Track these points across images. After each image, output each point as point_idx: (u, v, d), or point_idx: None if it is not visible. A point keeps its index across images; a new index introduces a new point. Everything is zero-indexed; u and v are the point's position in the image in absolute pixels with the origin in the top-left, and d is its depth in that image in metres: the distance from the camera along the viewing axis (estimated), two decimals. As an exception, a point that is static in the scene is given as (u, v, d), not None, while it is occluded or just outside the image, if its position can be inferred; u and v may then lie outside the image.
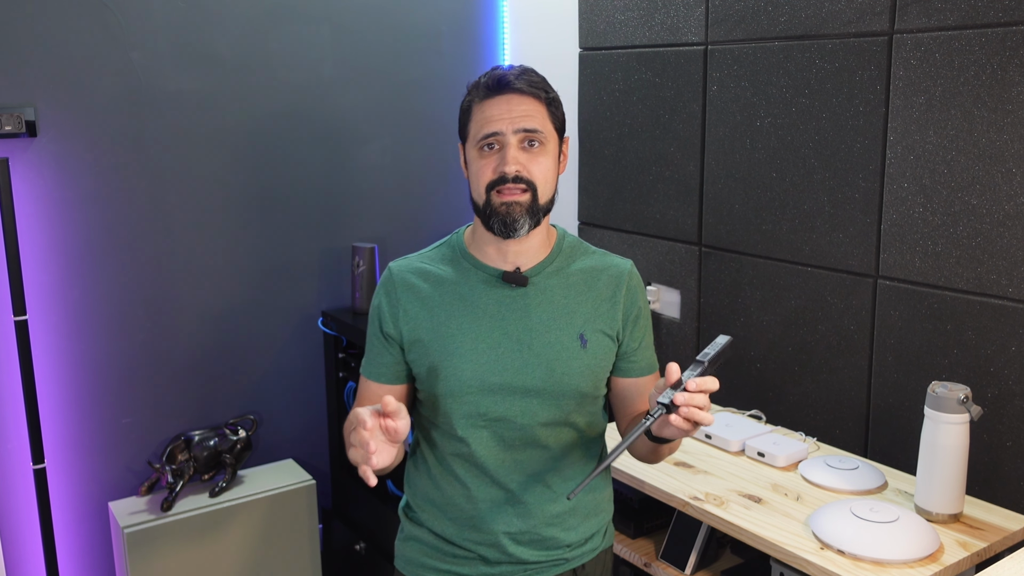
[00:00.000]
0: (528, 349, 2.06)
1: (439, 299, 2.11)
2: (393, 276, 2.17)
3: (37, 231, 3.20)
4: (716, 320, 3.24)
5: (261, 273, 3.68)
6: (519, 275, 2.09)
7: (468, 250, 2.16)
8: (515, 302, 2.09)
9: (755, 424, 2.94)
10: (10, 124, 3.07)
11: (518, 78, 2.03)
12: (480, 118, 2.05)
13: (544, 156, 2.04)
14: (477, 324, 2.08)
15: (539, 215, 2.05)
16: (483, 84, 2.06)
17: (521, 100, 2.02)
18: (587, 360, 2.09)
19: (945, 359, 2.60)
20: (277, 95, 3.62)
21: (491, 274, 2.11)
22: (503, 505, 2.10)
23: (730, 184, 3.13)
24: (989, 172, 2.45)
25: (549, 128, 2.05)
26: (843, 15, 2.74)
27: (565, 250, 2.17)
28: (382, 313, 2.15)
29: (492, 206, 2.03)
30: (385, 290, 2.17)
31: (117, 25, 3.25)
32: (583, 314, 2.11)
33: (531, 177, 2.02)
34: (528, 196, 2.02)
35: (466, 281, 2.12)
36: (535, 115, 2.03)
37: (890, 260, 2.70)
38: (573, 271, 2.15)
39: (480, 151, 2.05)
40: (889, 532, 2.20)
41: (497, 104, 2.02)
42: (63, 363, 3.31)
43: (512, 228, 2.02)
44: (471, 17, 4.09)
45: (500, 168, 2.01)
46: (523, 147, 2.02)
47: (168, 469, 3.36)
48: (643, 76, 3.41)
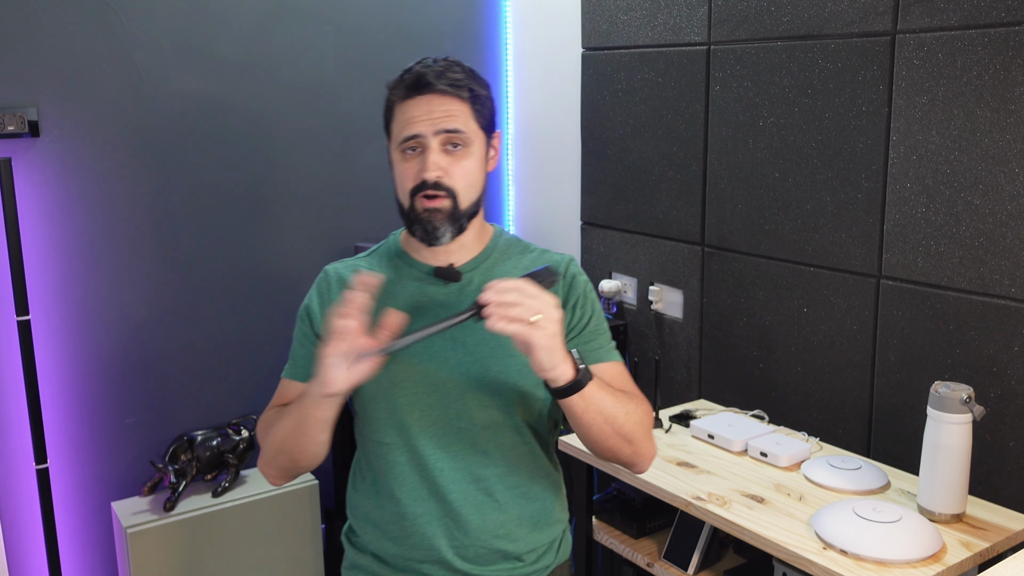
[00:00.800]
0: (463, 347, 2.00)
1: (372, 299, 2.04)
2: (328, 276, 2.12)
3: (40, 231, 3.20)
4: (719, 320, 3.24)
5: (264, 272, 3.68)
6: (452, 270, 2.04)
7: (403, 249, 2.11)
8: (449, 299, 2.03)
9: (758, 424, 2.95)
10: (13, 124, 3.07)
11: (439, 77, 1.95)
12: (401, 119, 1.97)
13: (467, 159, 1.97)
14: (412, 322, 1.97)
15: (462, 221, 1.99)
16: (403, 83, 1.98)
17: (442, 100, 1.95)
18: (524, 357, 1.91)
19: (948, 359, 2.60)
20: (280, 95, 3.62)
21: (423, 271, 2.06)
22: (443, 518, 2.00)
23: (733, 184, 3.13)
24: (992, 172, 2.46)
25: (473, 127, 1.98)
26: (846, 15, 2.74)
27: (501, 247, 2.12)
28: (312, 313, 2.09)
29: (415, 211, 1.97)
30: (318, 290, 2.11)
31: (120, 25, 3.25)
32: None
33: (451, 183, 1.95)
34: (449, 203, 1.95)
35: (400, 280, 2.06)
36: (457, 115, 1.95)
37: (893, 260, 2.70)
38: (509, 267, 2.08)
39: (402, 153, 1.97)
40: (892, 532, 2.21)
41: (417, 105, 1.94)
42: (66, 363, 3.31)
43: (434, 236, 1.97)
44: (474, 17, 4.09)
45: (421, 174, 1.94)
46: (445, 150, 1.95)
47: (171, 469, 3.36)
48: (646, 76, 3.41)
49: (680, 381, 3.42)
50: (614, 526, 2.97)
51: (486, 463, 2.01)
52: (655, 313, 3.49)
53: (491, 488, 2.01)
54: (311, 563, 3.62)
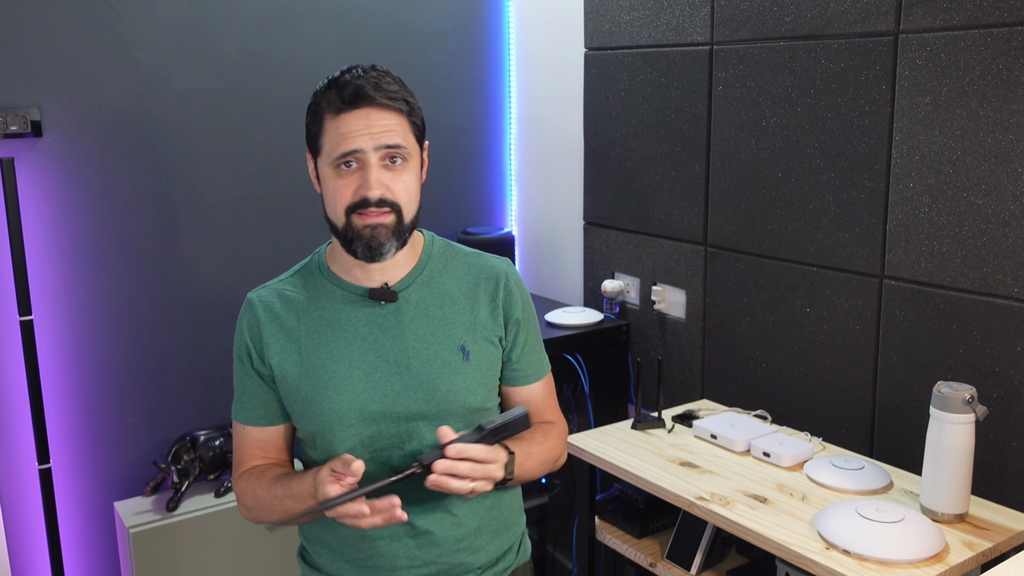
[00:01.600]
0: (407, 370, 1.93)
1: (304, 327, 1.97)
2: (254, 306, 2.02)
3: (42, 231, 3.20)
4: (721, 320, 3.24)
5: (267, 273, 3.65)
6: (387, 291, 1.96)
7: (331, 269, 2.03)
8: (387, 320, 1.96)
9: (760, 424, 2.95)
10: (15, 124, 3.07)
11: (376, 89, 1.87)
12: (335, 134, 1.87)
13: (407, 173, 1.90)
14: (348, 349, 1.94)
15: (405, 235, 1.93)
16: (336, 94, 1.88)
17: (381, 114, 1.87)
18: (472, 372, 1.97)
19: (950, 359, 2.60)
20: (283, 95, 3.62)
21: (357, 293, 1.98)
22: (403, 538, 1.96)
23: (735, 184, 3.13)
24: (994, 172, 2.45)
25: (411, 141, 1.92)
26: (848, 15, 2.74)
27: (435, 256, 2.05)
28: (248, 349, 2.00)
29: (354, 229, 1.89)
30: (247, 323, 2.02)
31: (123, 25, 3.25)
32: (462, 324, 1.99)
33: (395, 198, 1.88)
34: (393, 218, 1.88)
35: (331, 304, 1.98)
36: (397, 129, 1.88)
37: (895, 260, 2.70)
38: (446, 278, 2.03)
39: (337, 169, 1.88)
40: (894, 532, 2.20)
41: (355, 119, 1.86)
42: (68, 363, 3.32)
43: (378, 252, 1.89)
44: (477, 17, 4.09)
45: (362, 192, 1.86)
46: (385, 165, 1.87)
47: (173, 469, 3.37)
48: (648, 76, 3.41)
49: (683, 381, 3.42)
50: (617, 526, 2.96)
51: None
52: (658, 313, 3.49)
53: (448, 505, 1.97)
54: (314, 563, 3.62)
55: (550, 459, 2.07)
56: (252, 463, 2.03)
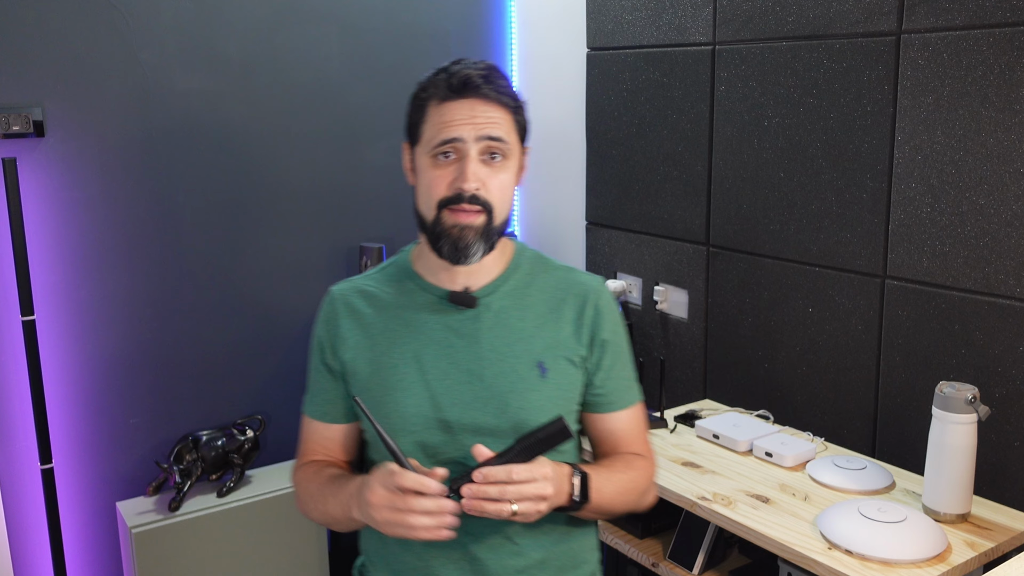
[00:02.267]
0: (479, 380, 1.85)
1: (381, 325, 1.91)
2: (334, 300, 1.97)
3: (45, 231, 3.20)
4: (724, 320, 3.24)
5: (269, 273, 3.68)
6: (467, 296, 1.88)
7: (414, 269, 1.96)
8: (464, 327, 1.88)
9: (763, 424, 2.95)
10: (18, 124, 3.07)
11: (486, 82, 1.80)
12: (438, 121, 1.80)
13: (506, 172, 1.83)
14: (422, 352, 1.87)
15: (493, 238, 1.84)
16: (444, 82, 1.82)
17: (487, 107, 1.80)
18: (548, 392, 1.86)
19: (953, 359, 2.60)
20: (285, 95, 3.62)
21: (437, 295, 1.91)
22: (459, 561, 1.86)
23: (738, 184, 3.13)
24: (997, 172, 2.45)
25: (514, 139, 1.84)
26: (851, 15, 2.74)
27: (523, 266, 1.97)
28: (322, 342, 1.96)
29: (443, 226, 1.81)
30: (325, 316, 1.97)
31: (125, 25, 3.25)
32: (543, 339, 1.89)
33: (489, 197, 1.80)
34: (483, 219, 1.80)
35: (410, 304, 1.92)
36: (501, 123, 1.81)
37: (898, 260, 2.70)
38: (532, 290, 1.94)
39: (434, 159, 1.81)
40: (897, 532, 2.20)
41: (459, 108, 1.79)
42: (71, 363, 3.32)
43: (464, 254, 1.81)
44: (479, 17, 4.09)
45: (457, 184, 1.78)
46: (484, 160, 1.80)
47: (176, 469, 3.37)
48: (651, 76, 3.41)
49: (685, 381, 3.42)
50: (619, 526, 2.96)
51: None
52: (660, 313, 3.49)
53: (508, 531, 1.87)
54: (316, 563, 3.62)
55: (634, 491, 1.91)
56: (313, 457, 2.00)
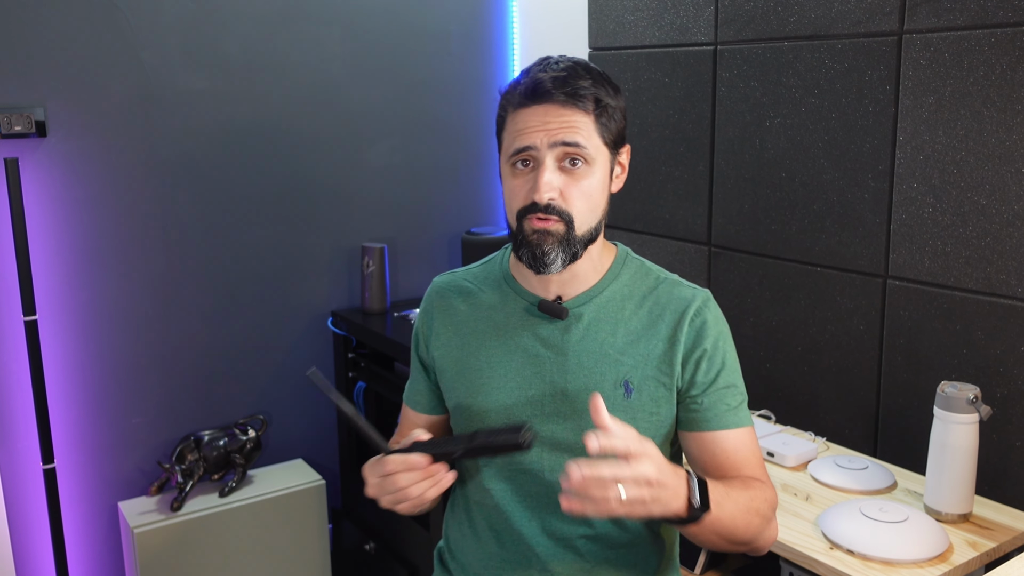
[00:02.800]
0: (562, 395, 1.78)
1: (473, 326, 1.86)
2: (433, 294, 1.94)
3: (47, 231, 3.20)
4: (725, 320, 3.23)
5: (271, 273, 3.69)
6: (557, 305, 1.80)
7: (511, 271, 1.89)
8: (553, 337, 1.80)
9: (765, 424, 2.94)
10: (20, 124, 3.07)
11: (560, 84, 1.69)
12: (513, 129, 1.73)
13: (587, 178, 1.72)
14: (509, 359, 1.81)
15: (576, 247, 1.73)
16: (518, 90, 1.74)
17: (562, 111, 1.69)
18: (632, 412, 1.77)
19: (954, 359, 2.60)
20: (287, 95, 3.62)
21: (530, 301, 1.83)
22: (528, 568, 1.82)
23: (739, 184, 3.13)
24: (998, 172, 2.45)
25: (596, 143, 1.73)
26: (852, 15, 2.74)
27: (623, 276, 1.86)
28: (418, 334, 1.95)
29: (523, 234, 1.72)
30: (424, 307, 1.95)
31: (127, 25, 3.26)
32: (634, 356, 1.79)
33: (567, 206, 1.70)
34: (562, 227, 1.70)
35: (503, 307, 1.85)
36: (579, 128, 1.70)
37: (899, 260, 2.70)
38: (630, 303, 1.83)
39: (512, 168, 1.73)
40: (898, 532, 2.20)
41: (533, 114, 1.70)
42: (73, 363, 3.32)
43: (542, 262, 1.71)
44: (480, 17, 4.09)
45: (532, 194, 1.69)
46: (562, 167, 1.70)
47: (178, 469, 3.37)
48: (652, 76, 3.41)
49: (687, 381, 3.42)
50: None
51: (577, 522, 1.79)
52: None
53: (580, 548, 1.81)
54: (318, 563, 3.62)
55: (756, 513, 1.71)
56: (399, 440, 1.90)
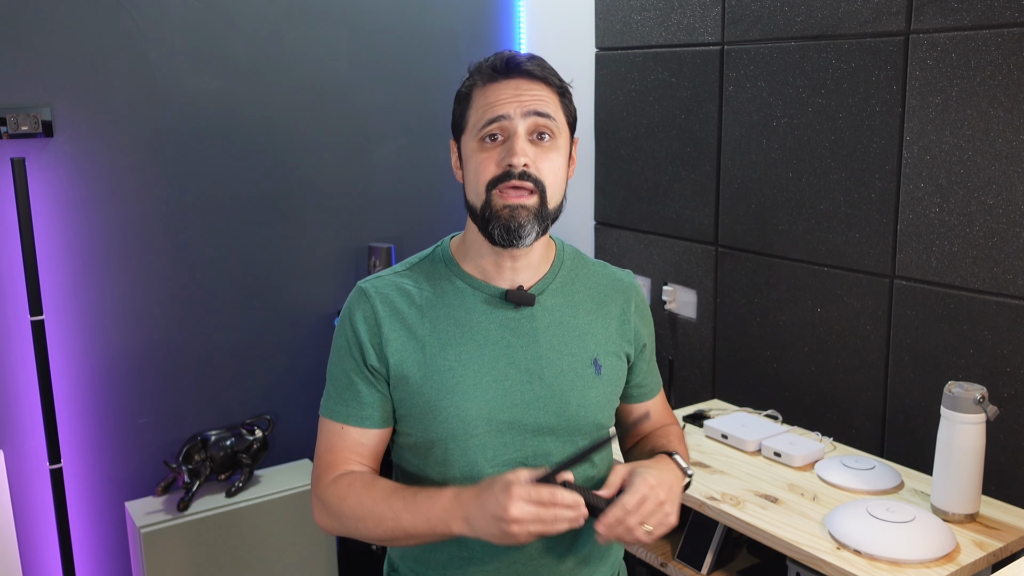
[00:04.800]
0: (539, 380, 1.80)
1: (429, 326, 1.80)
2: (369, 298, 1.82)
3: (53, 231, 3.21)
4: (733, 320, 3.24)
5: (277, 273, 3.69)
6: (525, 293, 1.82)
7: (460, 265, 1.86)
8: (521, 325, 1.82)
9: (771, 424, 2.94)
10: (27, 124, 3.08)
11: (529, 60, 1.77)
12: (483, 103, 1.75)
13: (555, 153, 1.77)
14: (479, 353, 1.79)
15: (547, 222, 1.77)
16: (488, 66, 1.78)
17: (532, 84, 1.75)
18: (603, 388, 1.86)
19: (961, 359, 2.60)
20: (293, 95, 3.63)
21: (491, 293, 1.83)
22: (514, 564, 1.82)
23: (746, 184, 3.13)
24: (1006, 172, 2.45)
25: (561, 119, 1.79)
26: (859, 15, 2.73)
27: (567, 263, 1.93)
28: (361, 343, 1.80)
29: (493, 208, 1.73)
30: (361, 315, 1.82)
31: (134, 25, 3.26)
32: (596, 336, 1.87)
33: (540, 175, 1.74)
34: (536, 199, 1.73)
35: (460, 303, 1.82)
36: (548, 101, 1.76)
37: (906, 260, 2.70)
38: (578, 287, 1.91)
39: (481, 143, 1.75)
40: (905, 532, 2.20)
41: (504, 87, 1.74)
42: (79, 363, 3.32)
43: (517, 235, 1.73)
44: (487, 17, 4.09)
45: (506, 160, 1.71)
46: (532, 139, 1.74)
47: (184, 469, 3.37)
48: (659, 76, 3.41)
49: (694, 381, 3.42)
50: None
51: None
52: (669, 313, 3.49)
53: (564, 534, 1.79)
54: (324, 563, 3.62)
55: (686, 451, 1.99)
56: (347, 467, 1.82)
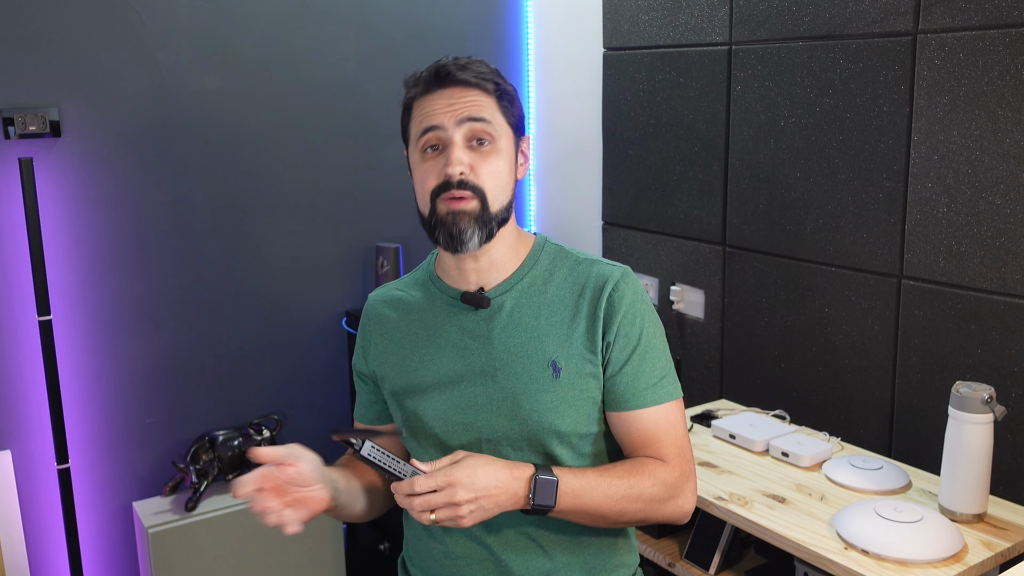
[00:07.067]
0: (492, 382, 1.82)
1: (405, 329, 1.91)
2: (367, 307, 1.99)
3: (61, 231, 3.21)
4: (740, 320, 3.24)
5: (285, 273, 3.69)
6: (478, 295, 1.84)
7: (435, 271, 1.94)
8: (478, 327, 1.85)
9: (779, 424, 2.94)
10: (34, 124, 3.08)
11: (461, 69, 1.78)
12: (419, 114, 1.79)
13: (495, 156, 1.79)
14: (438, 355, 1.85)
15: (491, 225, 1.78)
16: (422, 77, 1.81)
17: (465, 92, 1.78)
18: (561, 392, 1.79)
19: (969, 359, 2.59)
20: (301, 95, 3.63)
21: (452, 296, 1.88)
22: (483, 562, 1.85)
23: (754, 184, 3.13)
24: (1013, 172, 2.45)
25: (500, 122, 1.80)
26: (867, 15, 2.73)
27: (542, 262, 1.90)
28: (357, 350, 2.00)
29: (437, 215, 1.77)
30: (362, 322, 2.00)
31: (141, 25, 3.26)
32: (558, 337, 1.82)
33: (478, 182, 1.76)
34: (476, 204, 1.75)
35: (431, 306, 1.90)
36: (483, 106, 1.78)
37: (914, 260, 2.69)
38: (551, 286, 1.87)
39: (422, 153, 1.79)
40: (913, 532, 2.20)
41: (438, 98, 1.77)
42: (87, 363, 3.33)
43: (459, 240, 1.76)
44: (495, 17, 4.09)
45: (444, 171, 1.75)
46: (470, 146, 1.77)
47: (192, 469, 3.38)
48: (667, 76, 3.40)
49: (701, 381, 3.42)
50: (634, 526, 2.96)
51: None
52: (676, 313, 3.48)
53: (532, 534, 1.84)
54: (332, 563, 3.63)
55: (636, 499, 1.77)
56: None
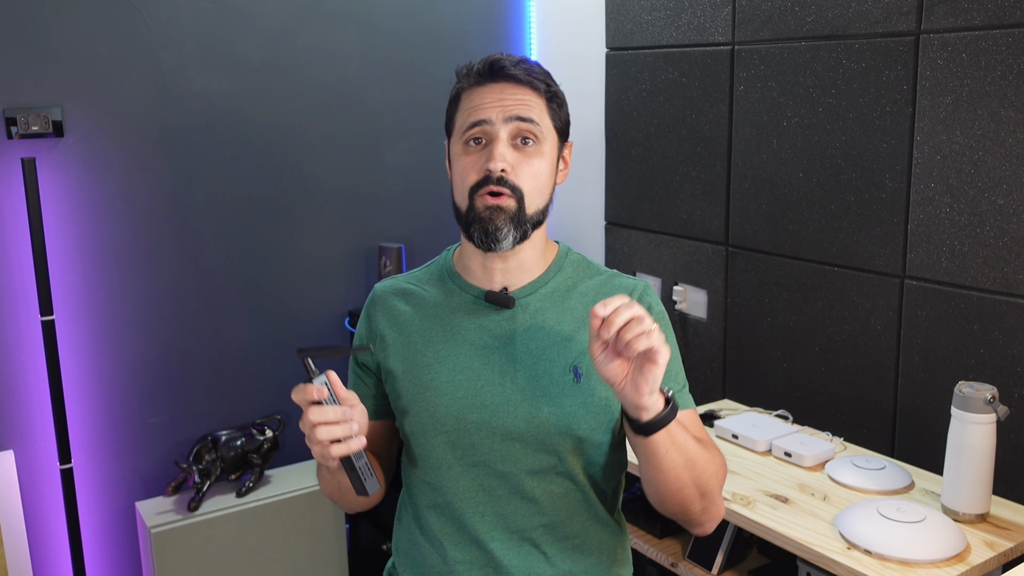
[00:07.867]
0: (512, 383, 1.79)
1: (418, 323, 1.86)
2: (375, 298, 1.93)
3: (64, 231, 3.21)
4: (743, 320, 3.23)
5: (288, 273, 3.69)
6: (503, 295, 1.83)
7: (455, 268, 1.91)
8: (500, 327, 1.82)
9: (782, 424, 2.94)
10: (37, 124, 3.08)
11: (516, 65, 1.77)
12: (467, 107, 1.78)
13: (538, 158, 1.77)
14: (456, 352, 1.82)
15: (526, 226, 1.77)
16: (475, 70, 1.80)
17: (517, 89, 1.77)
18: (582, 397, 1.78)
19: (972, 359, 2.59)
20: (304, 95, 3.63)
21: (474, 295, 1.86)
22: (483, 568, 1.81)
23: (757, 184, 3.13)
24: (1016, 172, 2.45)
25: (547, 124, 1.79)
26: (870, 15, 2.73)
27: (566, 269, 1.89)
28: (357, 338, 1.94)
29: (475, 211, 1.75)
30: (366, 314, 1.94)
31: (144, 25, 3.27)
32: (582, 342, 1.81)
33: (518, 182, 1.75)
34: (513, 203, 1.74)
35: (448, 303, 1.87)
36: (533, 106, 1.76)
37: (917, 260, 2.69)
38: (574, 294, 1.86)
39: (465, 146, 1.78)
40: (916, 532, 2.20)
41: (488, 91, 1.77)
42: (90, 363, 3.33)
43: (494, 238, 1.75)
44: (498, 17, 4.09)
45: (485, 165, 1.74)
46: (515, 144, 1.76)
47: (195, 469, 3.38)
48: (670, 76, 3.40)
49: (704, 381, 3.42)
50: (638, 526, 2.96)
51: (532, 511, 1.80)
52: (679, 313, 3.48)
53: (536, 539, 1.81)
54: (335, 563, 3.63)
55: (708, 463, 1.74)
56: None
